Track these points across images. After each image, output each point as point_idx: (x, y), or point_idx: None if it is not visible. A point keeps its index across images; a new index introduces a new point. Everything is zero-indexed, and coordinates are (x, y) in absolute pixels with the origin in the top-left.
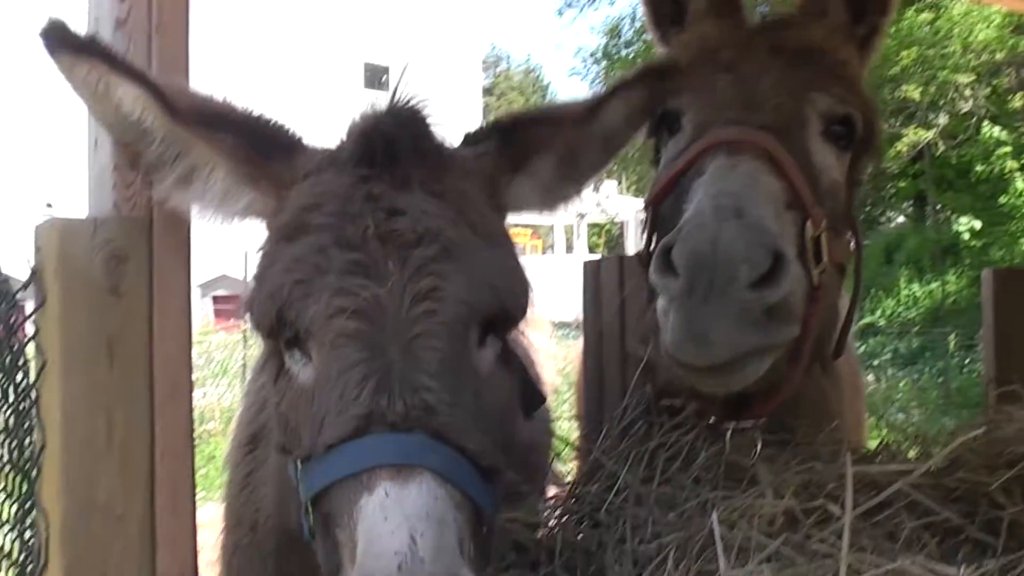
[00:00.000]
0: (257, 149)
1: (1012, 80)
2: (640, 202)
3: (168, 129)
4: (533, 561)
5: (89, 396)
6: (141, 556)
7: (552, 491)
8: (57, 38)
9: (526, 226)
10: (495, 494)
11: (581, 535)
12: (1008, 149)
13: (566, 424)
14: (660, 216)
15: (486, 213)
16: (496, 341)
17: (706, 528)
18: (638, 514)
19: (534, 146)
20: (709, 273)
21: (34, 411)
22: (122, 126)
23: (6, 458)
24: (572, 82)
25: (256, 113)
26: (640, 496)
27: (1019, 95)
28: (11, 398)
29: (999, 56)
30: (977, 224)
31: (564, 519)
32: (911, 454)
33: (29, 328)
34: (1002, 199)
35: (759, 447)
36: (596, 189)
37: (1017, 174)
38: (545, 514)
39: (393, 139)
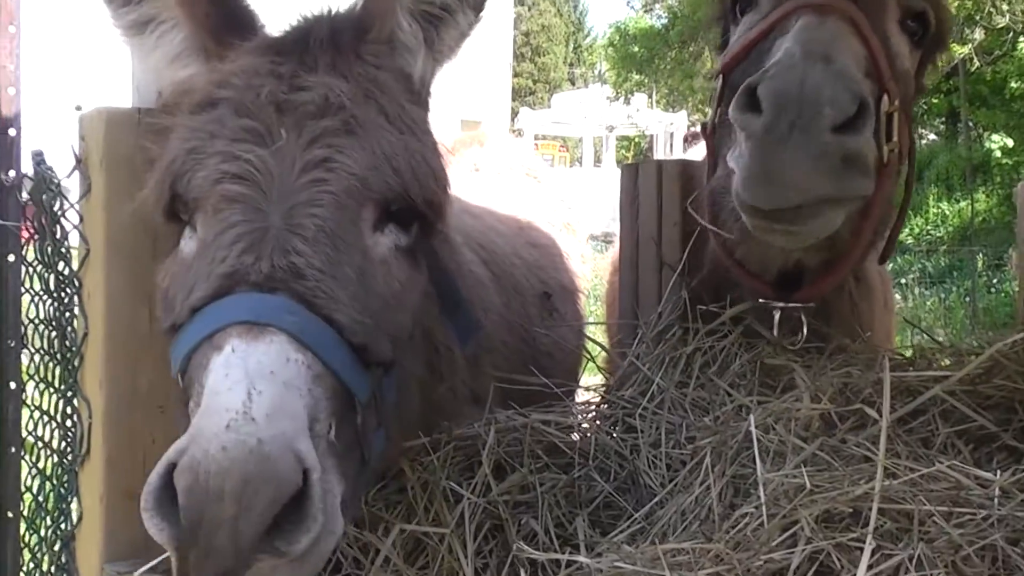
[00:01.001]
0: (222, 26)
1: None
2: (670, 116)
3: None
4: (567, 463)
5: (132, 285)
6: None
7: (583, 395)
8: None
9: (554, 138)
10: (377, 383)
11: (615, 438)
12: None
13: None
14: (732, 83)
15: (402, 104)
16: (399, 232)
17: (741, 432)
18: (672, 418)
19: (438, 20)
20: (794, 111)
21: (76, 300)
22: None
23: (47, 348)
24: None
25: None
26: (674, 400)
27: None
28: (52, 287)
29: None
30: (1010, 142)
31: (598, 423)
32: (945, 363)
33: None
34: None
35: (804, 331)
36: (627, 101)
37: None
38: (579, 417)
39: (309, 31)
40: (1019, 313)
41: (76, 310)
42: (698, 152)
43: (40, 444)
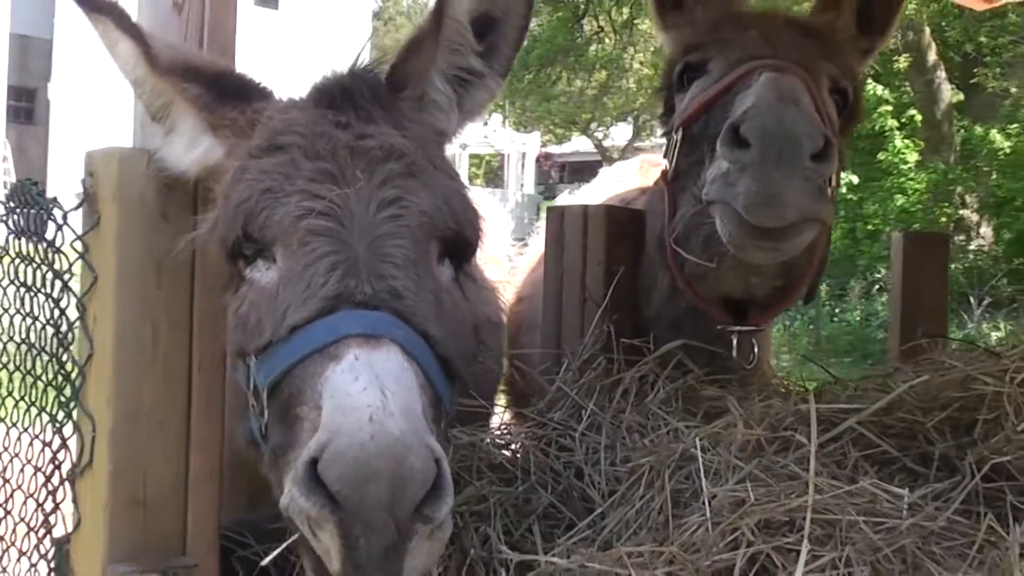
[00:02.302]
0: (218, 97)
1: (898, 42)
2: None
3: (152, 79)
4: (509, 478)
5: (140, 310)
6: (178, 459)
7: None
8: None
9: None
10: (453, 393)
11: (552, 456)
12: (890, 108)
13: None
14: (692, 136)
15: (442, 154)
16: (452, 266)
17: (677, 452)
18: (606, 440)
19: (468, 84)
20: (778, 144)
21: (72, 325)
22: (127, 75)
23: (40, 372)
24: None
25: (229, 68)
26: (607, 423)
27: (903, 57)
28: (48, 313)
29: None
30: (855, 179)
31: (531, 442)
32: (844, 395)
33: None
34: (881, 156)
35: (756, 352)
36: (485, 122)
37: (897, 132)
38: (511, 437)
39: (351, 88)
40: (891, 349)
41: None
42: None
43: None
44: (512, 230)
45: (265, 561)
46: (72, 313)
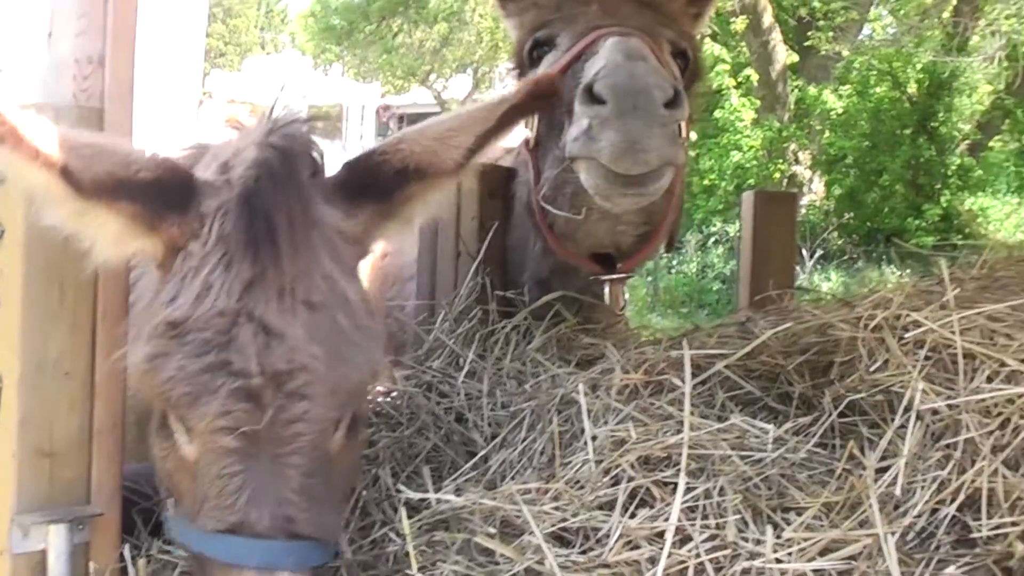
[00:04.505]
0: (157, 210)
1: (735, 4)
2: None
3: (75, 203)
4: (394, 424)
5: (47, 267)
6: (83, 409)
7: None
8: None
9: (243, 102)
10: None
11: (433, 402)
12: (727, 67)
13: None
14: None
15: (356, 301)
16: (347, 417)
17: (557, 397)
18: (487, 387)
19: (408, 200)
20: (633, 97)
21: None
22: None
23: None
24: None
25: (161, 165)
26: (488, 371)
27: (740, 18)
28: None
29: None
30: (692, 135)
31: (412, 389)
32: (711, 340)
33: None
34: (717, 114)
35: (627, 296)
36: (326, 73)
37: (733, 91)
38: (392, 384)
39: (275, 226)
40: (741, 301)
41: None
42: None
43: None
44: None
45: None
46: None
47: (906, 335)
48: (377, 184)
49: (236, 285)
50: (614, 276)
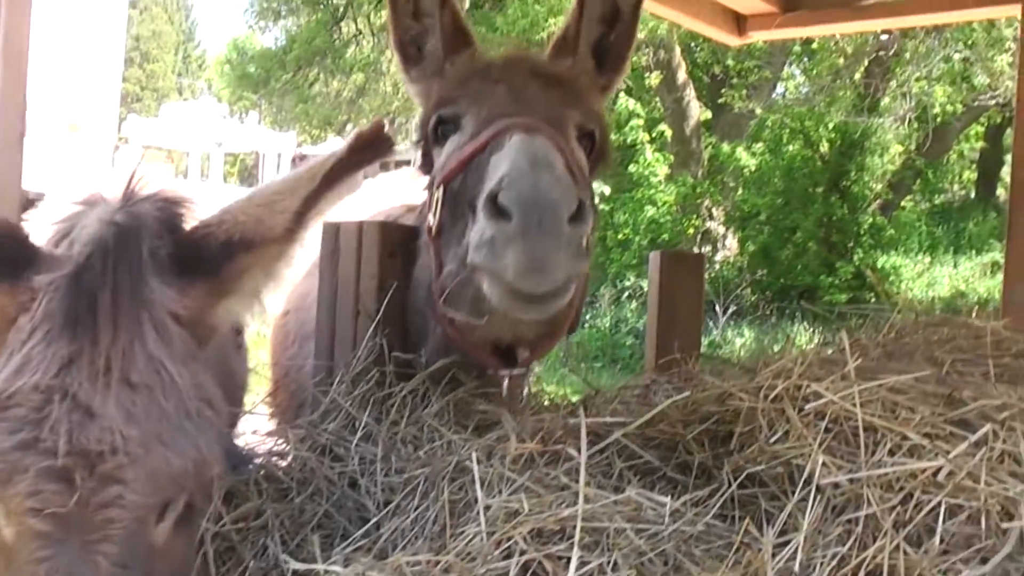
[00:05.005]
0: None
1: (650, 59)
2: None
3: None
4: (285, 489)
5: None
6: None
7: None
8: None
9: (161, 149)
10: None
11: (327, 467)
12: (641, 122)
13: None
14: (452, 191)
15: (185, 385)
16: (177, 505)
17: (451, 464)
18: (381, 451)
19: (241, 273)
20: (538, 213)
21: None
22: None
23: None
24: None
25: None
26: (382, 434)
27: (655, 74)
28: None
29: (639, 35)
30: (606, 189)
31: (305, 452)
32: (613, 408)
33: None
34: (632, 168)
35: (528, 389)
36: (241, 120)
37: (648, 146)
38: (285, 447)
39: (98, 304)
40: (648, 363)
41: None
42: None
43: None
44: None
45: None
46: None
47: (807, 406)
48: (204, 260)
49: (54, 362)
50: (513, 371)
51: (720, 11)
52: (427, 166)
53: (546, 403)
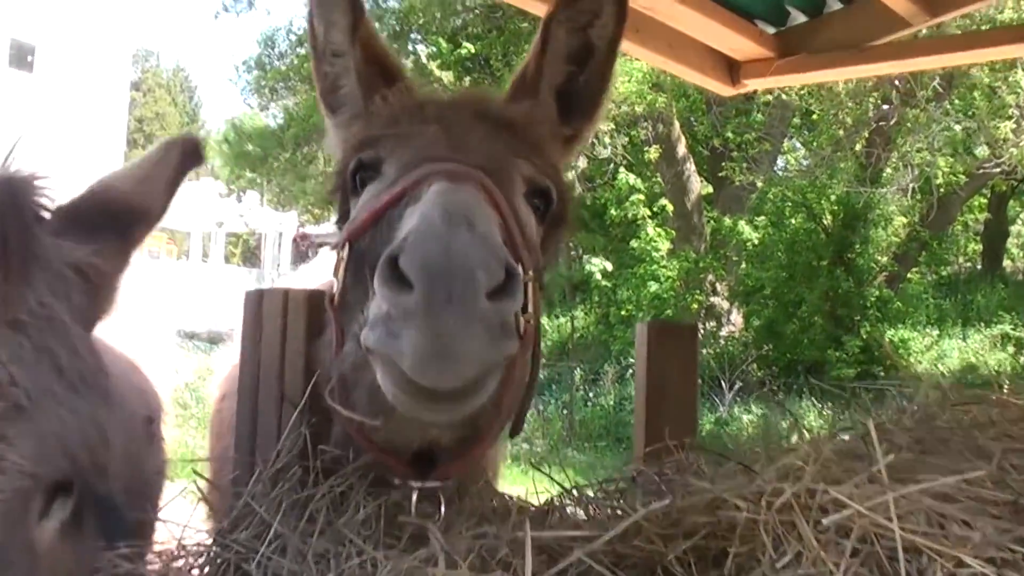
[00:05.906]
0: None
1: (649, 133)
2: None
3: None
4: None
5: None
6: None
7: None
8: None
9: (163, 230)
10: None
11: None
12: (642, 197)
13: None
14: (358, 252)
15: (79, 344)
16: (66, 503)
17: None
18: (293, 568)
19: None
20: (447, 283)
21: None
22: None
23: None
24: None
25: None
26: (296, 549)
27: (654, 148)
28: None
29: (638, 109)
30: (609, 265)
31: (208, 568)
32: (580, 513)
33: None
34: (633, 243)
35: (443, 509)
36: (239, 199)
37: (649, 220)
38: (186, 561)
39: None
40: (636, 451)
41: None
42: (318, 262)
43: None
44: None
45: None
46: None
47: (825, 519)
48: (114, 218)
49: None
50: (427, 485)
51: (711, 57)
52: (342, 220)
53: (495, 504)
